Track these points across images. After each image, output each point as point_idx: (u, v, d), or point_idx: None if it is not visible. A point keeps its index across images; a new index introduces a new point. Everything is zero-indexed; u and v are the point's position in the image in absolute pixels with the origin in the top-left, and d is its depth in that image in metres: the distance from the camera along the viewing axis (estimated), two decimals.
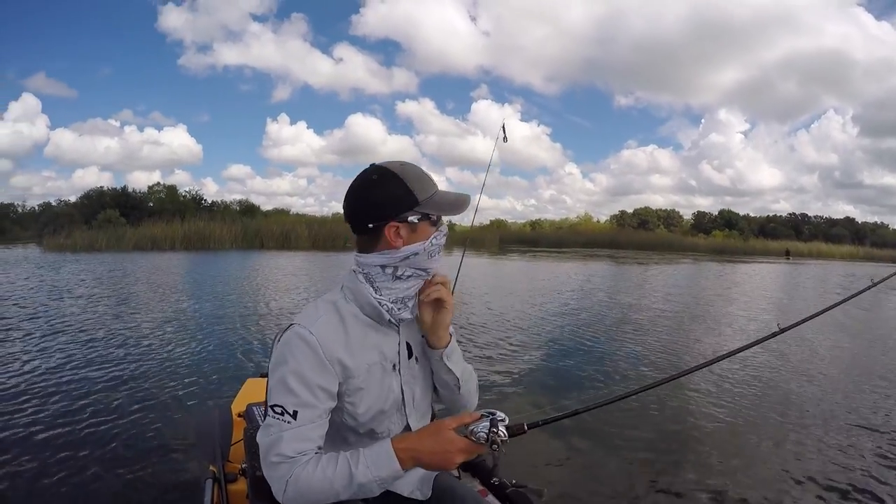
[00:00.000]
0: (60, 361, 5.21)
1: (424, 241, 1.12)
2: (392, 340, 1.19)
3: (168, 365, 5.12)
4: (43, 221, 31.81)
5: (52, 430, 3.49)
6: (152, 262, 18.13)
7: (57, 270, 14.92)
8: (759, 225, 50.12)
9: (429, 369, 1.27)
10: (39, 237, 29.27)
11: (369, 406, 1.15)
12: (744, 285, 15.42)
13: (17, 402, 4.01)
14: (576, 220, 49.80)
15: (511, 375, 4.99)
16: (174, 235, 26.13)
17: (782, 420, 3.97)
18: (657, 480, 2.99)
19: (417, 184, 1.10)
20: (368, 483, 1.03)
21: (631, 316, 8.66)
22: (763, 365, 5.39)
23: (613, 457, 3.27)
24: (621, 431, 3.56)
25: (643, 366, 5.46)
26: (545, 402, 4.14)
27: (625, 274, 18.07)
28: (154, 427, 3.56)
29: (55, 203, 35.44)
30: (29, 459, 3.06)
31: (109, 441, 3.35)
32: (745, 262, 27.78)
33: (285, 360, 1.07)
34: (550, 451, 3.28)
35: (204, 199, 35.93)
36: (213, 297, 10.04)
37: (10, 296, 9.58)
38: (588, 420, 3.53)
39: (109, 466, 2.99)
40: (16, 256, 20.66)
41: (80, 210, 31.07)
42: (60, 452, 3.14)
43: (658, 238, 41.10)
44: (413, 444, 1.05)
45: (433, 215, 1.12)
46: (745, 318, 8.97)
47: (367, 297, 1.13)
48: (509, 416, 1.07)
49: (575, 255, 28.49)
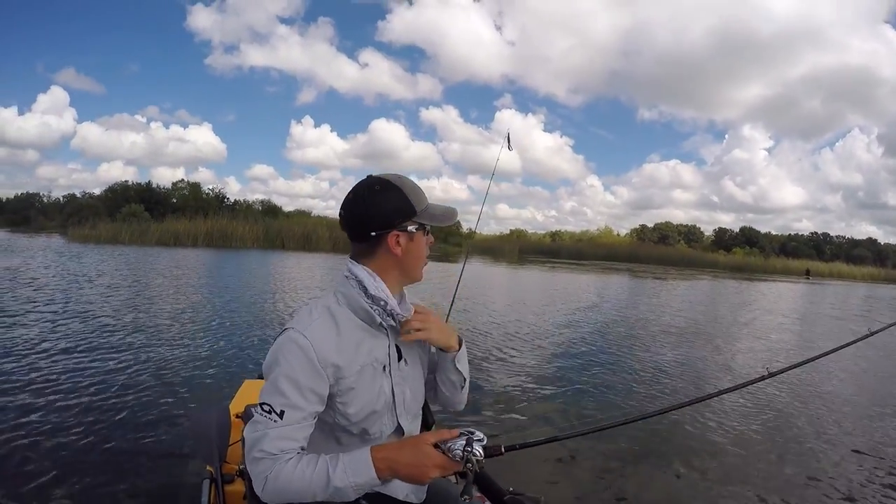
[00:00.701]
0: (61, 357, 5.13)
1: (418, 250, 1.18)
2: (382, 343, 1.21)
3: (167, 364, 5.04)
4: (67, 212, 32.32)
5: (47, 429, 3.43)
6: (173, 258, 18.29)
7: (80, 261, 15.11)
8: (780, 243, 49.44)
9: (419, 371, 1.30)
10: (64, 227, 29.74)
11: (361, 406, 1.16)
12: (756, 307, 14.70)
13: (11, 397, 3.96)
14: (596, 233, 49.50)
15: (507, 390, 4.86)
16: (197, 232, 26.43)
17: (779, 452, 3.79)
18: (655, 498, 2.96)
19: (414, 195, 1.16)
20: (344, 488, 1.05)
21: (636, 333, 8.42)
22: (767, 395, 5.06)
23: (613, 473, 3.22)
24: (622, 449, 3.52)
25: (638, 390, 5.16)
26: (531, 421, 4.01)
27: (640, 289, 17.77)
28: (151, 427, 3.51)
29: (80, 195, 36.10)
30: (24, 458, 3.02)
31: (106, 440, 3.30)
32: (764, 281, 27.32)
33: (278, 361, 1.10)
34: (551, 460, 3.22)
35: (227, 198, 36.35)
36: (224, 295, 10.02)
37: (28, 283, 9.72)
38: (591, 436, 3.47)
39: (106, 466, 2.95)
40: (40, 245, 21.03)
41: (105, 203, 31.51)
42: (55, 451, 3.10)
43: (678, 253, 40.66)
44: (391, 455, 1.07)
45: (427, 226, 1.18)
46: (747, 348, 8.08)
47: (359, 301, 1.16)
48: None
49: (594, 268, 28.25)
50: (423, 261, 1.22)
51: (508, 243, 35.42)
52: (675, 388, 5.23)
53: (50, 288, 9.56)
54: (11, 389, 4.13)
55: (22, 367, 4.76)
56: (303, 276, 15.00)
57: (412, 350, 1.29)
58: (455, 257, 29.44)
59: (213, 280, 12.97)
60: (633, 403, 4.66)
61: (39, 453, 3.08)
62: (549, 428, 3.84)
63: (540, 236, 48.91)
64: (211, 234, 26.55)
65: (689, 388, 5.22)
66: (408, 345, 1.26)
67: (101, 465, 2.94)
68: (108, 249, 20.35)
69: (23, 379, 4.39)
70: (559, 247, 42.28)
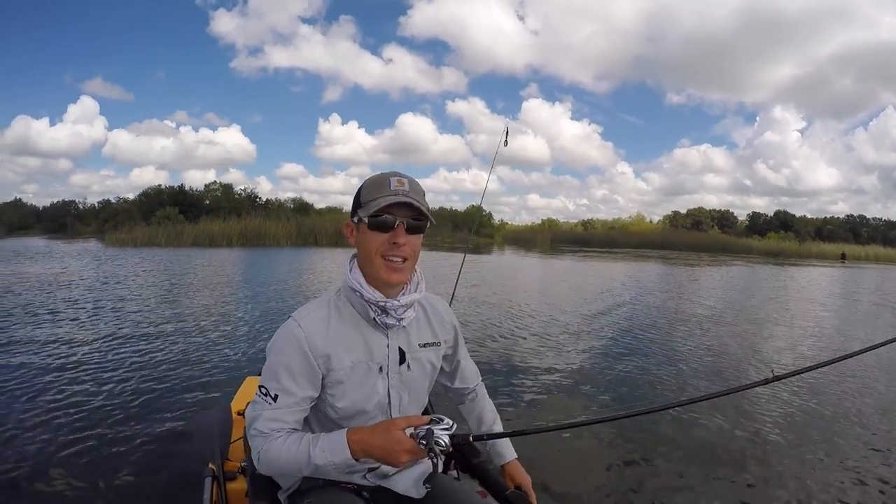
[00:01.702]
0: (63, 356, 5.14)
1: (365, 244, 1.16)
2: (381, 343, 1.22)
3: (171, 361, 5.02)
4: (103, 218, 33.00)
5: (46, 425, 3.42)
6: (207, 258, 18.48)
7: (114, 263, 15.40)
8: (815, 227, 48.09)
9: (424, 378, 1.31)
10: (100, 232, 30.37)
11: (350, 403, 1.20)
12: (787, 294, 13.38)
13: (13, 395, 3.97)
14: (628, 221, 48.68)
15: (520, 377, 4.68)
16: (231, 232, 26.72)
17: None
18: (658, 492, 2.78)
19: (367, 188, 1.17)
20: (324, 465, 1.11)
21: (658, 323, 7.78)
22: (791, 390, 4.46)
23: (622, 466, 3.07)
24: (629, 441, 3.33)
25: (652, 381, 4.73)
26: (533, 409, 3.87)
27: (670, 277, 16.96)
28: (153, 424, 3.48)
29: (114, 200, 36.77)
30: (25, 453, 3.02)
31: (107, 437, 3.28)
32: (798, 266, 26.39)
33: (275, 348, 1.17)
34: (556, 455, 3.09)
35: (259, 198, 36.80)
36: (243, 293, 9.99)
37: (66, 284, 9.94)
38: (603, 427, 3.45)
39: (107, 462, 2.93)
40: (78, 250, 21.45)
41: (139, 207, 32.08)
42: (56, 449, 3.09)
43: (711, 239, 39.81)
44: (364, 437, 1.10)
45: (364, 217, 1.15)
46: (773, 337, 7.25)
47: (352, 295, 1.20)
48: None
49: (625, 256, 27.77)
50: (372, 257, 1.16)
51: (540, 233, 35.07)
52: (686, 381, 4.77)
53: (80, 289, 9.71)
54: (11, 387, 4.13)
55: (26, 364, 4.77)
56: (331, 271, 14.97)
57: (419, 356, 1.28)
58: (486, 248, 29.47)
59: (237, 278, 13.00)
60: (643, 394, 4.36)
61: (40, 449, 3.08)
62: (546, 419, 3.63)
63: (572, 225, 48.40)
64: (245, 234, 26.82)
65: (702, 382, 4.77)
66: (415, 351, 1.27)
67: (102, 462, 2.94)
68: (144, 252, 20.68)
69: (25, 375, 4.41)
70: (591, 235, 41.76)
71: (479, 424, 1.47)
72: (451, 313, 1.40)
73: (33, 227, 38.74)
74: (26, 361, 4.95)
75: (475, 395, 1.50)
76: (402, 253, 1.16)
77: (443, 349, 1.35)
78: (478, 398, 1.50)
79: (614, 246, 36.35)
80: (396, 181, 1.15)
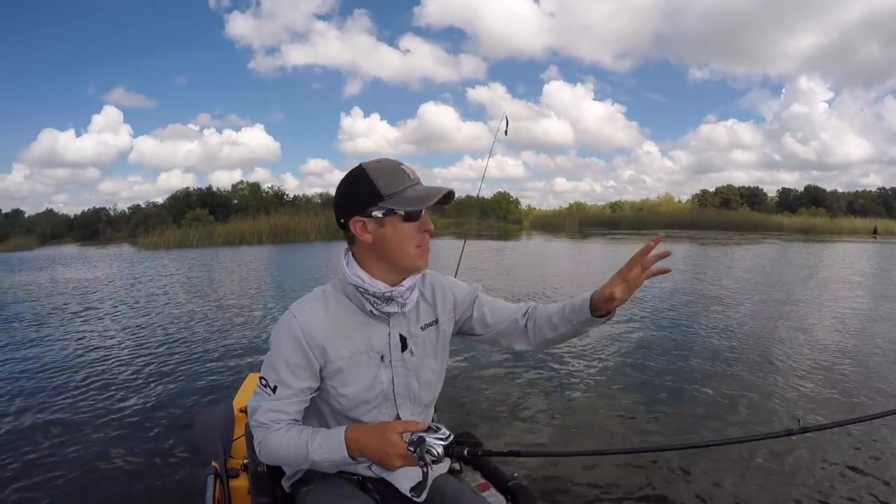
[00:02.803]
0: (69, 353, 5.23)
1: (397, 236, 1.12)
2: (381, 332, 1.21)
3: (175, 359, 5.05)
4: (134, 223, 33.72)
5: (48, 423, 3.45)
6: (235, 256, 18.82)
7: (147, 265, 15.86)
8: (847, 201, 46.81)
9: (432, 362, 1.28)
10: (132, 237, 31.03)
11: (353, 393, 1.19)
12: (817, 274, 11.98)
13: (15, 393, 4.02)
14: (656, 201, 47.90)
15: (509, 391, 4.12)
16: (261, 230, 27.11)
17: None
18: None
19: (384, 179, 1.11)
20: (320, 461, 1.12)
21: (680, 321, 6.53)
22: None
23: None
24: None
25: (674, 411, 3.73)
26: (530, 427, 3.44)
27: (696, 259, 16.03)
28: (156, 422, 3.50)
29: (144, 205, 37.56)
30: (28, 451, 3.03)
31: (111, 434, 3.29)
32: (827, 243, 25.41)
33: (274, 340, 1.18)
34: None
35: (286, 195, 37.37)
36: (259, 289, 10.09)
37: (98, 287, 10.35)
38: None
39: (110, 460, 2.94)
40: (111, 255, 22.18)
41: (169, 210, 32.73)
42: (59, 445, 3.11)
43: (740, 217, 38.99)
44: (360, 437, 1.11)
45: (399, 210, 1.11)
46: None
47: (348, 288, 1.19)
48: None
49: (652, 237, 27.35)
50: (407, 248, 1.15)
51: (567, 217, 34.77)
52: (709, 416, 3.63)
53: (106, 291, 10.04)
54: (10, 387, 4.21)
55: (25, 362, 4.85)
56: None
57: (421, 339, 1.26)
58: (514, 234, 29.33)
59: (258, 275, 13.15)
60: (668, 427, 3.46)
61: (42, 446, 3.10)
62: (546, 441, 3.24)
63: (600, 208, 47.58)
64: (275, 231, 27.19)
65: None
66: (416, 335, 1.25)
67: (104, 460, 2.95)
68: (176, 253, 21.24)
69: (22, 376, 4.48)
70: (619, 217, 41.17)
71: (566, 314, 1.25)
72: (451, 283, 1.35)
73: (66, 236, 39.67)
74: (30, 358, 5.08)
75: (531, 313, 1.33)
76: (429, 239, 1.18)
77: (444, 324, 1.31)
78: (538, 311, 1.32)
79: (643, 227, 35.79)
80: (409, 168, 1.15)
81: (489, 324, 1.34)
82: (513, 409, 3.75)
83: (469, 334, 1.37)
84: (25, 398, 4.00)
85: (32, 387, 4.27)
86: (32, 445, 3.14)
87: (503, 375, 4.41)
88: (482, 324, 1.34)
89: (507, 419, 3.59)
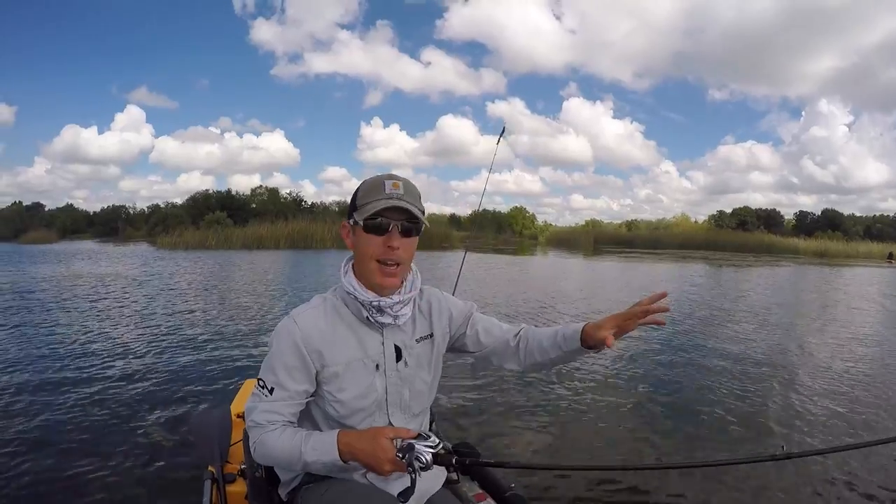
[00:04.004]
0: (69, 353, 5.19)
1: (361, 247, 1.18)
2: (375, 341, 1.24)
3: (172, 363, 5.00)
4: (153, 222, 34.15)
5: (46, 427, 3.42)
6: (251, 260, 19.02)
7: (162, 265, 15.99)
8: (864, 226, 46.38)
9: (425, 373, 1.30)
10: (150, 236, 31.44)
11: (348, 400, 1.21)
12: (830, 300, 11.62)
13: (10, 398, 3.96)
14: (672, 221, 47.87)
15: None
16: (279, 235, 27.43)
17: None
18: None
19: (363, 191, 1.18)
20: (313, 463, 1.14)
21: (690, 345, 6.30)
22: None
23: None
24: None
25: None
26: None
27: (708, 281, 15.80)
28: (153, 426, 3.47)
29: (163, 205, 37.98)
30: (24, 456, 2.99)
31: (107, 439, 3.25)
32: (841, 267, 25.22)
33: (273, 343, 1.21)
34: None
35: (304, 201, 37.66)
36: (266, 294, 10.07)
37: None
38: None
39: (107, 465, 2.90)
40: (127, 252, 22.47)
41: (188, 211, 33.08)
42: (56, 451, 3.07)
43: (756, 240, 38.79)
44: (352, 441, 1.12)
45: (359, 220, 1.16)
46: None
47: (347, 296, 1.23)
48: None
49: (667, 258, 27.27)
50: (367, 260, 1.18)
51: (583, 234, 34.76)
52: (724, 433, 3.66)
53: (118, 289, 10.03)
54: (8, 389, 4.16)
55: (23, 366, 4.79)
56: None
57: (416, 351, 1.29)
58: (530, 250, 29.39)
59: (269, 279, 13.19)
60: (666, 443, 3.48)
61: (36, 451, 3.05)
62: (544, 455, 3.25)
63: (616, 226, 47.62)
64: (292, 237, 27.47)
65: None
66: (411, 347, 1.28)
67: (101, 463, 2.91)
68: (193, 254, 21.56)
69: (18, 379, 4.41)
70: (635, 236, 41.19)
71: (543, 346, 1.29)
72: (447, 299, 1.38)
73: (85, 231, 40.23)
74: (30, 356, 5.04)
75: (523, 335, 1.35)
76: (396, 257, 1.17)
77: (438, 338, 1.34)
78: (529, 334, 1.35)
79: (657, 247, 35.82)
80: (391, 184, 1.16)
81: (481, 342, 1.37)
82: (512, 420, 3.79)
83: (461, 351, 1.40)
84: (20, 398, 3.95)
85: (26, 384, 4.25)
86: (25, 447, 3.11)
87: (505, 386, 4.46)
88: (475, 342, 1.37)
89: (508, 430, 3.63)
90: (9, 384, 4.29)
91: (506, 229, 36.29)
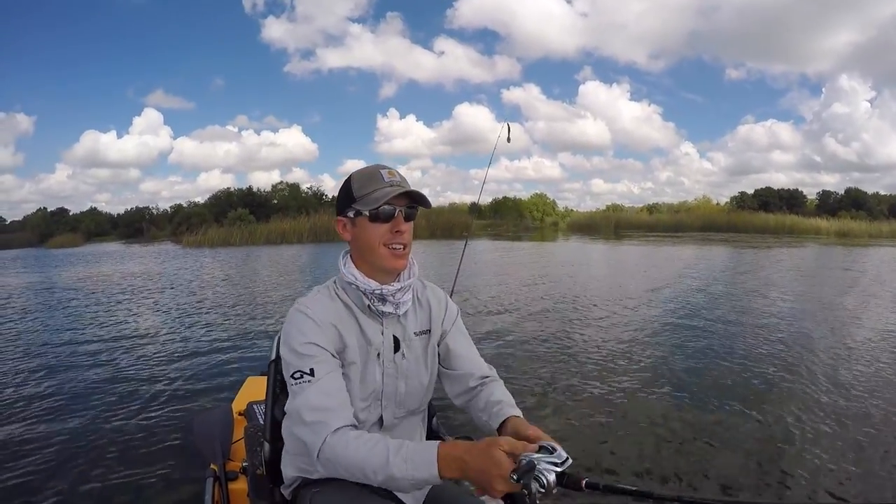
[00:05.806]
0: (67, 353, 5.28)
1: (366, 236, 1.21)
2: (375, 329, 1.26)
3: (174, 360, 5.03)
4: (176, 221, 34.68)
5: (47, 425, 3.44)
6: (275, 255, 19.39)
7: (186, 261, 16.52)
8: (888, 204, 45.52)
9: (421, 369, 1.32)
10: (175, 235, 31.98)
11: (350, 389, 1.19)
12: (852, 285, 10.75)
13: (12, 395, 4.03)
14: (694, 203, 47.33)
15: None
16: (301, 230, 27.81)
17: None
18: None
19: (358, 183, 1.22)
20: (401, 478, 0.99)
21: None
22: None
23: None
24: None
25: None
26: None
27: (727, 264, 15.49)
28: (155, 424, 3.48)
29: (186, 204, 38.54)
30: (25, 451, 3.02)
31: (109, 437, 3.26)
32: (863, 247, 24.54)
33: (289, 333, 1.19)
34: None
35: (325, 195, 37.95)
36: (277, 289, 10.05)
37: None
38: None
39: (108, 463, 2.92)
40: (154, 251, 23.03)
41: (210, 209, 33.56)
42: (57, 448, 3.09)
43: (776, 221, 38.37)
44: (461, 454, 0.97)
45: (364, 211, 1.20)
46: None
47: (347, 285, 1.26)
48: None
49: (688, 240, 27.06)
50: (375, 247, 1.21)
51: (604, 219, 34.63)
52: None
53: (125, 288, 10.24)
54: (11, 389, 4.26)
55: (20, 363, 4.91)
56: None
57: (414, 345, 1.31)
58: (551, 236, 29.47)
59: (286, 273, 13.26)
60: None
61: (40, 448, 3.09)
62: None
63: (637, 210, 47.17)
64: (315, 230, 27.81)
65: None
66: (410, 339, 1.30)
67: (102, 463, 2.94)
68: (218, 252, 22.01)
69: (18, 377, 4.51)
70: (656, 220, 40.69)
71: (491, 410, 1.24)
72: (447, 300, 1.42)
73: (110, 234, 40.90)
74: (31, 356, 5.15)
75: (485, 386, 1.33)
76: (403, 240, 1.23)
77: (434, 335, 1.35)
78: (492, 385, 1.33)
79: (679, 230, 35.55)
80: (387, 172, 1.22)
81: (446, 361, 1.37)
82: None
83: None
84: (17, 398, 3.99)
85: (16, 386, 4.28)
86: (26, 444, 3.14)
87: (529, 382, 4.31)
88: (444, 360, 1.37)
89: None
90: (9, 384, 4.36)
91: (526, 216, 36.17)
